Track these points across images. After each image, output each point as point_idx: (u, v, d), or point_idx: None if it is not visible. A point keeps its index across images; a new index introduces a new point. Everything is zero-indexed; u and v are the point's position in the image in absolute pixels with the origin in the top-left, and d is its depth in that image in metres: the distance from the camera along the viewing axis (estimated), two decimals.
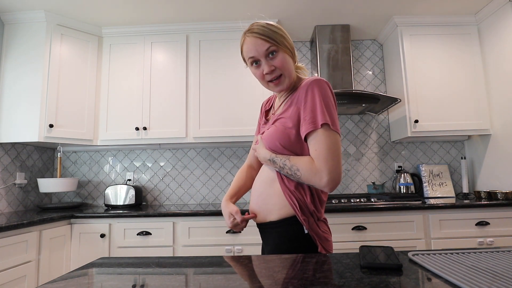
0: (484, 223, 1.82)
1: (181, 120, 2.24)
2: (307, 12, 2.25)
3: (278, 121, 0.94)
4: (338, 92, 2.09)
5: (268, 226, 0.95)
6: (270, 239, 0.95)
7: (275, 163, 0.92)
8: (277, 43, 0.89)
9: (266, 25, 0.91)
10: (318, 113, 0.84)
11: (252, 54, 0.91)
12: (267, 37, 0.89)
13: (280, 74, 0.91)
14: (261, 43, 0.89)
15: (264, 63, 0.91)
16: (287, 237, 0.91)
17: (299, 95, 0.91)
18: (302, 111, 0.88)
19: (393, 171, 2.52)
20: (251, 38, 0.90)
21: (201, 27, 2.34)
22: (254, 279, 0.58)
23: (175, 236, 1.88)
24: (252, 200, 1.03)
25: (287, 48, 0.92)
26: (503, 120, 2.11)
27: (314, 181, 0.84)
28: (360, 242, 1.80)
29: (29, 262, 1.59)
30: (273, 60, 0.90)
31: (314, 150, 0.84)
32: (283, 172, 0.91)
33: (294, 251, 0.88)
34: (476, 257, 0.66)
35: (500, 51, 2.12)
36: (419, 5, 2.19)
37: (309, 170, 0.84)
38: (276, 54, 0.90)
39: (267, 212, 0.95)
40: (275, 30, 0.90)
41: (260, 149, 0.99)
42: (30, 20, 2.11)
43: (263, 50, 0.89)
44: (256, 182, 1.04)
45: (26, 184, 2.28)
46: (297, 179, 0.88)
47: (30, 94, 2.04)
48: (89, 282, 0.60)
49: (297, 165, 0.86)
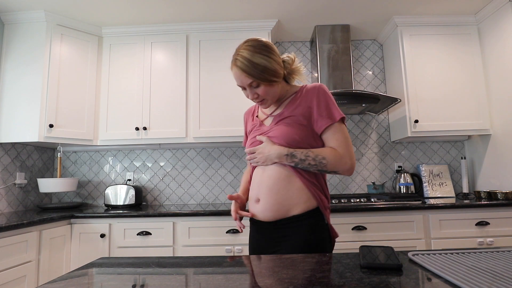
0: (484, 223, 1.82)
1: (181, 120, 2.24)
2: (307, 12, 2.25)
3: (287, 119, 1.02)
4: (338, 92, 2.09)
5: (291, 220, 0.99)
6: (294, 233, 0.98)
7: (295, 156, 0.97)
8: (258, 79, 0.97)
9: (249, 58, 0.95)
10: (334, 110, 1.00)
11: (238, 83, 1.02)
12: (248, 74, 0.96)
13: (263, 98, 1.02)
14: (244, 77, 0.98)
15: (248, 91, 1.02)
16: (313, 228, 0.98)
17: (307, 97, 1.02)
18: (315, 109, 1.00)
19: (393, 171, 2.52)
20: (236, 70, 0.98)
21: (201, 27, 2.34)
22: (254, 279, 0.58)
23: (175, 236, 1.88)
24: (264, 199, 1.02)
25: (270, 77, 0.98)
26: (503, 120, 2.11)
27: (340, 167, 0.97)
28: (360, 242, 1.80)
29: (29, 262, 1.59)
30: (256, 89, 1.00)
31: (336, 140, 0.99)
32: (303, 164, 0.97)
33: (320, 242, 0.98)
34: (476, 257, 0.66)
35: (500, 51, 2.12)
36: (419, 5, 2.19)
37: (335, 157, 0.97)
38: (258, 85, 0.99)
39: (289, 207, 0.99)
40: (256, 64, 0.95)
41: (270, 147, 1.00)
42: (30, 20, 2.11)
43: (246, 83, 0.99)
44: (265, 181, 1.03)
45: (26, 184, 2.28)
46: (320, 168, 0.97)
47: (30, 94, 2.04)
48: (89, 282, 0.60)
49: (322, 154, 0.97)
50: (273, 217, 1.01)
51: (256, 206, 1.05)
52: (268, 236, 1.03)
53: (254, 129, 1.12)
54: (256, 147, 1.05)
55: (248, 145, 1.12)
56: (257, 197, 1.05)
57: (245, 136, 1.24)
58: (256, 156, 1.04)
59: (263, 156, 1.02)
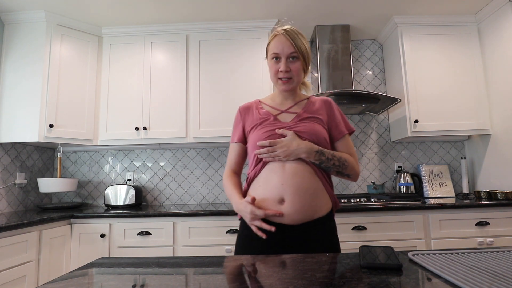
0: (484, 223, 1.82)
1: (181, 120, 2.24)
2: (307, 12, 2.25)
3: (313, 118, 1.03)
4: (338, 92, 2.09)
5: (317, 223, 0.96)
6: (319, 237, 0.96)
7: (323, 154, 0.97)
8: (301, 53, 1.01)
9: (299, 34, 1.03)
10: (348, 123, 1.09)
11: (277, 51, 1.01)
12: (296, 44, 1.00)
13: (291, 77, 1.03)
14: (289, 46, 1.00)
15: (284, 62, 1.01)
16: (334, 231, 1.01)
17: (323, 105, 1.08)
18: (336, 117, 1.07)
19: (393, 171, 2.52)
20: (283, 37, 1.01)
21: (201, 27, 2.34)
22: (254, 279, 0.58)
23: (175, 236, 1.88)
24: (291, 200, 0.93)
25: (305, 62, 1.04)
26: (503, 120, 2.11)
27: (353, 171, 1.03)
28: (360, 242, 1.80)
29: (29, 262, 1.59)
30: (292, 64, 1.02)
31: (351, 148, 1.07)
32: (328, 164, 0.97)
33: (338, 243, 1.01)
34: (476, 257, 0.66)
35: (500, 51, 2.12)
36: (419, 5, 2.19)
37: (353, 161, 1.03)
38: (296, 60, 1.02)
39: (316, 208, 0.96)
40: (304, 42, 1.03)
41: (298, 142, 0.95)
42: (30, 20, 2.11)
43: (288, 52, 1.01)
44: (290, 180, 0.94)
45: (26, 184, 2.28)
46: (341, 170, 1.00)
47: (30, 94, 2.04)
48: (89, 282, 0.60)
49: (344, 157, 1.01)
50: (301, 220, 0.93)
51: (281, 207, 0.94)
52: (288, 241, 0.94)
53: (264, 123, 1.03)
54: (279, 140, 0.96)
55: (260, 138, 1.00)
56: (281, 197, 0.94)
57: (239, 131, 1.11)
58: (277, 149, 0.95)
59: (287, 150, 0.94)
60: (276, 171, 0.96)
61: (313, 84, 2.59)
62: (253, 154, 1.03)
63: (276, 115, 1.06)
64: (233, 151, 1.13)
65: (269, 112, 1.07)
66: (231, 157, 1.13)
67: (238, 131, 1.12)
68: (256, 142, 1.00)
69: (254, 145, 1.01)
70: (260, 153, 0.98)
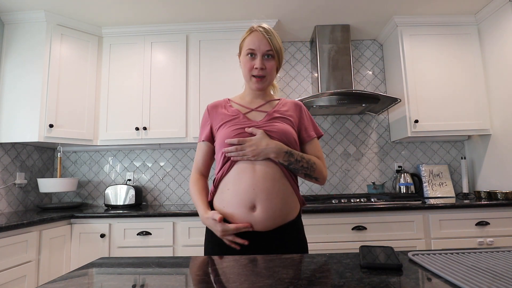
0: (484, 223, 1.82)
1: (181, 120, 2.24)
2: (307, 12, 2.25)
3: (283, 118, 1.02)
4: (338, 92, 2.09)
5: (288, 226, 0.94)
6: (292, 240, 0.94)
7: (292, 155, 0.95)
8: (276, 52, 1.02)
9: (275, 32, 1.03)
10: (317, 127, 1.10)
11: (254, 47, 1.00)
12: (272, 42, 1.00)
13: (265, 75, 1.02)
14: (265, 43, 1.00)
15: (259, 59, 1.00)
16: (302, 229, 1.01)
17: (293, 107, 1.07)
18: (305, 119, 1.07)
19: (393, 171, 2.52)
20: (259, 34, 1.00)
21: (201, 27, 2.34)
22: (254, 279, 0.58)
23: (175, 236, 1.88)
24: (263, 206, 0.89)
25: (279, 62, 1.05)
26: (503, 120, 2.11)
27: (323, 174, 1.02)
28: (360, 242, 1.80)
29: (29, 262, 1.59)
30: (267, 62, 1.02)
31: (319, 151, 1.06)
32: (296, 165, 0.96)
33: (307, 242, 1.01)
34: (476, 257, 0.66)
35: (500, 51, 2.12)
36: (419, 5, 2.19)
37: (321, 165, 1.02)
38: (271, 59, 1.02)
39: (287, 212, 0.93)
40: (279, 42, 1.03)
41: (268, 141, 0.92)
42: (30, 20, 2.11)
43: (264, 49, 1.00)
44: (260, 183, 0.90)
45: (26, 184, 2.28)
46: (309, 172, 0.98)
47: (30, 94, 2.04)
48: (89, 282, 0.60)
49: (312, 160, 1.00)
50: (272, 225, 0.90)
51: (253, 214, 0.89)
52: (261, 247, 0.90)
53: (233, 121, 0.99)
54: (247, 139, 0.93)
55: (229, 136, 0.96)
56: (252, 203, 0.90)
57: (207, 130, 1.05)
58: (246, 148, 0.91)
59: (256, 149, 0.91)
60: (245, 173, 0.92)
61: (313, 84, 2.59)
62: (220, 153, 0.97)
63: (245, 113, 1.02)
64: (200, 150, 1.07)
65: (238, 110, 1.03)
66: (198, 157, 1.07)
67: (205, 129, 1.06)
68: (224, 139, 0.95)
69: (222, 142, 0.96)
70: (228, 151, 0.93)
